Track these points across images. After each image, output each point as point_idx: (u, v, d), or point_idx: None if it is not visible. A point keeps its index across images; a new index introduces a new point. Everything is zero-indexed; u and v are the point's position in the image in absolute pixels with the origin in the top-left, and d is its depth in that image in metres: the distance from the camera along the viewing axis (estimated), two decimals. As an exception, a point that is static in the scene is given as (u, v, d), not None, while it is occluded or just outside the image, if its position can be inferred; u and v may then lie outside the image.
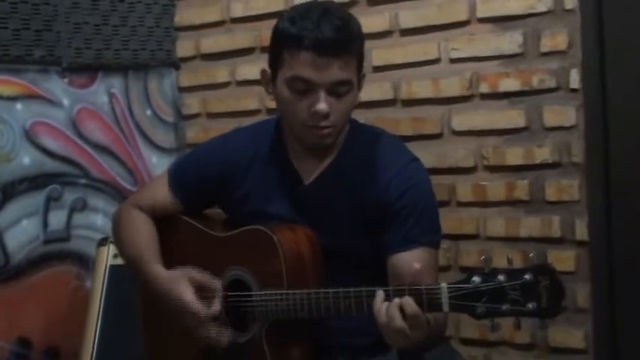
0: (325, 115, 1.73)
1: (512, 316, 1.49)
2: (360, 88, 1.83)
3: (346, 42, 1.73)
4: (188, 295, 1.80)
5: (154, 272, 1.88)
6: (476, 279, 1.50)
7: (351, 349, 1.83)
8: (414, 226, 1.77)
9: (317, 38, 1.69)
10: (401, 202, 1.78)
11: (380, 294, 1.58)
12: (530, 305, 1.46)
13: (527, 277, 1.46)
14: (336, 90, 1.73)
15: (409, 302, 1.53)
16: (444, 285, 1.53)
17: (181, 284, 1.81)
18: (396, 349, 1.70)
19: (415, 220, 1.77)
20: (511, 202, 2.37)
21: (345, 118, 1.79)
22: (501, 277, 1.48)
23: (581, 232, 2.26)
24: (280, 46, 1.76)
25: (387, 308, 1.55)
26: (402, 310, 1.54)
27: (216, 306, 1.80)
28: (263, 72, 1.85)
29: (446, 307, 1.52)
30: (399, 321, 1.53)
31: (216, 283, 1.82)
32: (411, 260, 1.71)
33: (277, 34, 1.78)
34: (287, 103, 1.76)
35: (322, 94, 1.71)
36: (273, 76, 1.80)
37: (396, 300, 1.55)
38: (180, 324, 1.84)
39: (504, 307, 1.47)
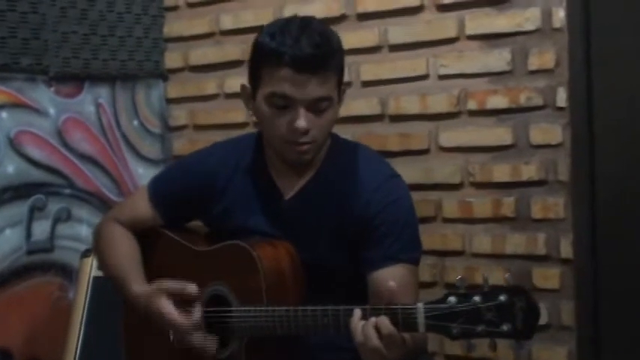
0: (304, 132, 1.72)
1: (488, 337, 1.49)
2: (340, 102, 1.82)
3: (325, 58, 1.72)
4: (167, 307, 1.78)
5: (133, 292, 1.87)
6: (452, 299, 1.49)
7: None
8: (393, 242, 1.76)
9: (296, 55, 1.68)
10: (380, 218, 1.77)
11: (357, 313, 1.57)
12: (505, 326, 1.45)
13: (502, 298, 1.45)
14: (316, 106, 1.72)
15: (384, 322, 1.53)
16: (420, 305, 1.52)
17: (158, 298, 1.80)
18: None
19: (395, 236, 1.76)
20: (497, 219, 2.37)
21: (324, 134, 1.79)
22: (477, 298, 1.47)
23: (566, 249, 2.27)
24: (260, 63, 1.75)
25: (363, 327, 1.55)
26: (377, 329, 1.53)
27: (197, 312, 1.78)
28: (243, 87, 1.84)
29: (422, 328, 1.51)
30: (374, 340, 1.53)
31: (193, 288, 1.79)
32: (389, 277, 1.71)
33: (257, 50, 1.77)
34: (267, 119, 1.76)
35: (301, 111, 1.71)
36: (253, 92, 1.79)
37: (372, 319, 1.54)
38: (165, 338, 1.83)
39: (480, 328, 1.46)
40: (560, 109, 2.26)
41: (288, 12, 2.66)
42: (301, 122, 1.71)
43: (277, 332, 1.70)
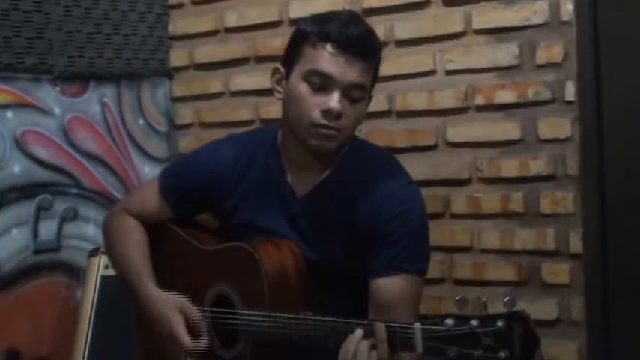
0: (337, 115, 1.70)
1: None
2: (368, 102, 1.81)
3: (371, 46, 1.74)
4: (178, 325, 1.79)
5: (146, 291, 1.88)
6: (449, 322, 1.46)
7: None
8: (400, 252, 1.74)
9: (345, 34, 1.69)
10: (390, 227, 1.75)
11: (359, 332, 1.56)
12: (502, 353, 1.42)
13: (500, 324, 1.42)
14: (351, 94, 1.72)
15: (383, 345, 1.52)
16: (417, 325, 1.50)
17: (173, 313, 1.81)
18: None
19: (402, 246, 1.74)
20: (505, 215, 2.36)
21: (352, 128, 1.78)
22: (474, 322, 1.44)
23: (576, 244, 2.26)
24: (303, 41, 1.74)
25: (357, 343, 1.54)
26: (373, 347, 1.53)
27: (203, 344, 1.80)
28: (275, 69, 1.81)
29: (419, 348, 1.49)
30: (363, 357, 1.53)
31: (204, 318, 1.82)
32: (391, 287, 1.71)
33: (299, 33, 1.77)
34: (299, 99, 1.73)
35: (337, 94, 1.70)
36: (287, 72, 1.77)
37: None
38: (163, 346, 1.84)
39: (477, 352, 1.43)
40: (569, 102, 2.25)
41: (293, 9, 2.66)
42: (336, 104, 1.69)
43: (279, 338, 1.69)
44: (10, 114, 2.53)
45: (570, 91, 2.24)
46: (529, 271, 2.31)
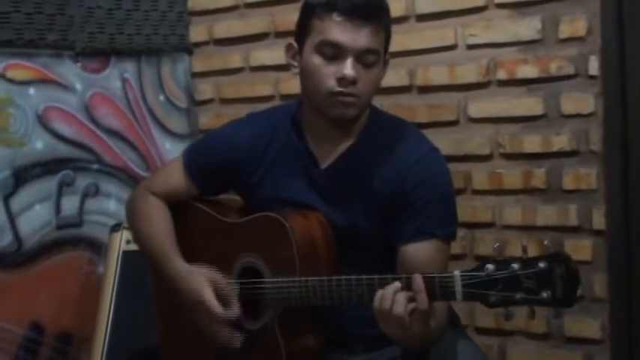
0: (352, 81, 1.72)
1: (527, 305, 1.47)
2: (385, 67, 1.82)
3: (377, 9, 1.75)
4: (208, 295, 1.79)
5: (174, 268, 1.88)
6: (489, 267, 1.47)
7: (365, 339, 1.82)
8: (428, 217, 1.75)
9: (350, 1, 1.70)
10: (417, 193, 1.76)
11: (396, 284, 1.56)
12: (544, 294, 1.44)
13: (541, 265, 1.44)
14: (364, 59, 1.73)
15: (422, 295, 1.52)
16: (457, 273, 1.51)
17: (202, 284, 1.81)
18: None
19: (430, 211, 1.75)
20: (528, 191, 2.34)
21: (369, 92, 1.78)
22: (515, 266, 1.45)
23: (599, 221, 2.24)
24: (311, 14, 1.76)
25: (395, 293, 1.54)
26: (410, 298, 1.53)
27: (235, 310, 1.80)
28: (289, 45, 1.84)
29: (459, 296, 1.50)
30: (401, 307, 1.52)
31: (234, 288, 1.81)
32: (420, 252, 1.72)
33: (307, 6, 1.79)
34: (314, 71, 1.75)
35: (350, 60, 1.72)
36: (300, 47, 1.80)
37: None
38: (193, 319, 1.85)
39: (518, 295, 1.45)
40: (592, 77, 2.22)
41: (313, -17, 2.63)
42: (349, 70, 1.71)
43: (311, 302, 1.70)
44: (32, 90, 2.54)
45: (594, 66, 2.21)
46: (551, 247, 2.29)
